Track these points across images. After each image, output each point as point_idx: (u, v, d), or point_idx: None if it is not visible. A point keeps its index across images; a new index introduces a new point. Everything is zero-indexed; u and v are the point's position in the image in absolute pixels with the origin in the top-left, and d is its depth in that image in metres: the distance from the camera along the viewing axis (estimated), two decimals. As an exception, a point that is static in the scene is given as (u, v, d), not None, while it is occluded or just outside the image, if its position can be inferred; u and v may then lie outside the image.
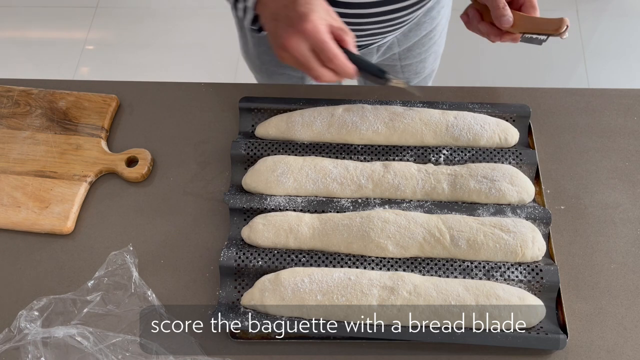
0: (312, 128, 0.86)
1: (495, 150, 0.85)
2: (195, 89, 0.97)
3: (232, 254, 0.77)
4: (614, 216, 0.82)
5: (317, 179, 0.82)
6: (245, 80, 0.99)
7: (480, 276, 0.75)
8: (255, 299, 0.74)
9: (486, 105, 0.89)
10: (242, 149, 0.86)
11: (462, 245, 0.76)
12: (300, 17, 0.69)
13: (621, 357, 0.72)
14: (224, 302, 0.75)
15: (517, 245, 0.76)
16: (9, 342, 0.72)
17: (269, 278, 0.75)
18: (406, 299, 0.72)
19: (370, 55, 1.07)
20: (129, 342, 0.72)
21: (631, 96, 0.94)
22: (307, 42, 0.70)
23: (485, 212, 0.80)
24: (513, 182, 0.81)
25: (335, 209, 0.80)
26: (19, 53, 2.32)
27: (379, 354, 0.73)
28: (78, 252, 0.82)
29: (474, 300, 0.71)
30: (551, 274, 0.75)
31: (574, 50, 2.19)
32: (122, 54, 2.29)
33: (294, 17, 0.69)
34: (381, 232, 0.76)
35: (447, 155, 0.85)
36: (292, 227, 0.78)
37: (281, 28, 0.70)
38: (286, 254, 0.78)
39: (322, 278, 0.73)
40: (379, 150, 0.86)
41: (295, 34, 0.69)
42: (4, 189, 0.86)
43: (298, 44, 0.69)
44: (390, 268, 0.76)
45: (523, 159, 0.84)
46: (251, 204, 0.81)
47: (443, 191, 0.81)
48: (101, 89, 0.96)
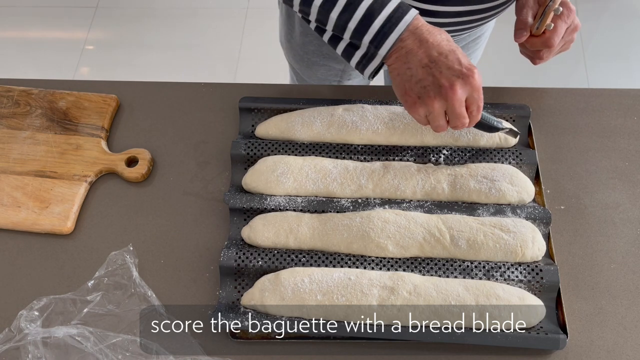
0: (312, 128, 0.86)
1: (495, 150, 0.85)
2: (195, 89, 0.97)
3: (232, 254, 0.77)
4: (614, 216, 0.82)
5: (317, 179, 0.82)
6: (246, 80, 0.99)
7: (480, 276, 0.75)
8: (255, 299, 0.74)
9: (486, 105, 0.89)
10: (242, 149, 0.86)
11: (462, 245, 0.76)
12: (469, 69, 0.69)
13: (621, 357, 0.72)
14: (224, 302, 0.75)
15: (517, 245, 0.76)
16: (9, 342, 0.72)
17: (269, 278, 0.75)
18: (406, 299, 0.72)
19: None
20: (129, 342, 0.72)
21: (631, 96, 0.94)
22: (467, 93, 0.70)
23: (485, 212, 0.80)
24: (513, 182, 0.81)
25: (335, 209, 0.80)
26: (19, 53, 2.32)
27: (379, 354, 0.73)
28: (78, 252, 0.82)
29: (474, 300, 0.71)
30: (551, 274, 0.75)
31: (574, 50, 2.18)
32: (122, 54, 2.29)
33: (460, 69, 0.69)
34: (381, 232, 0.76)
35: (447, 155, 0.85)
36: (292, 227, 0.78)
37: (443, 77, 0.69)
38: (286, 254, 0.77)
39: (322, 278, 0.73)
40: (379, 150, 0.86)
41: (463, 85, 0.69)
42: (4, 189, 0.86)
43: (462, 94, 0.70)
44: (390, 268, 0.76)
45: (523, 159, 0.84)
46: (251, 203, 0.81)
47: (443, 191, 0.81)
48: (101, 89, 0.96)
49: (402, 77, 0.72)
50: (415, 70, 0.71)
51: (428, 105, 0.71)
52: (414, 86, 0.71)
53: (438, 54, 0.70)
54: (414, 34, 0.71)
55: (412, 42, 0.71)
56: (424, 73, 0.70)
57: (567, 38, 0.84)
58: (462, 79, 0.69)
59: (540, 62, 0.86)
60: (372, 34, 0.72)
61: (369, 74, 0.77)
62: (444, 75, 0.69)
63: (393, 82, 0.74)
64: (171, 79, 1.07)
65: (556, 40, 0.81)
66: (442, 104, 0.71)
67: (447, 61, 0.69)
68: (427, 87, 0.70)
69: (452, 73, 0.69)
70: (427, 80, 0.70)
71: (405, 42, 0.71)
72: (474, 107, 0.72)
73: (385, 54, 0.73)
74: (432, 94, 0.70)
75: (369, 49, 0.74)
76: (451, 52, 0.70)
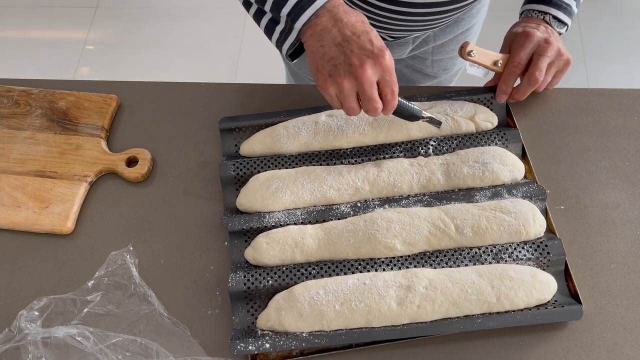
0: (299, 139, 0.86)
1: (480, 134, 0.86)
2: (195, 89, 0.97)
3: (240, 277, 0.75)
4: (614, 216, 0.82)
5: (314, 189, 0.81)
6: (245, 80, 0.99)
7: (489, 260, 0.76)
8: (272, 319, 0.72)
9: (462, 92, 0.90)
10: (231, 170, 0.85)
11: (467, 232, 0.77)
12: (380, 50, 0.70)
13: (621, 357, 0.72)
14: (239, 328, 0.73)
15: (520, 225, 0.77)
16: (9, 342, 0.72)
17: (283, 296, 0.73)
18: (423, 294, 0.72)
19: (405, 46, 1.07)
20: (129, 342, 0.72)
21: (631, 96, 0.94)
22: (378, 74, 0.71)
23: (482, 197, 0.80)
24: (503, 162, 0.83)
25: (335, 216, 0.80)
26: (19, 53, 2.32)
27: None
28: (78, 252, 0.82)
29: (489, 284, 0.72)
30: (556, 248, 0.76)
31: (574, 50, 2.19)
32: (122, 54, 2.29)
33: (371, 49, 0.70)
34: (387, 232, 0.76)
35: (435, 145, 0.86)
36: (297, 241, 0.77)
37: (354, 56, 0.70)
38: (295, 269, 0.76)
39: (336, 287, 0.72)
40: (368, 150, 0.86)
41: (373, 65, 0.70)
42: (4, 189, 0.86)
43: (372, 74, 0.70)
44: (401, 267, 0.76)
45: (508, 138, 0.86)
46: (250, 223, 0.80)
47: (438, 181, 0.82)
48: (101, 89, 0.96)
49: (315, 54, 0.73)
50: (328, 48, 0.71)
51: (338, 84, 0.71)
52: (326, 64, 0.71)
53: (351, 34, 0.71)
54: (330, 12, 0.72)
55: (327, 20, 0.72)
56: (336, 51, 0.71)
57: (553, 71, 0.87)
58: (372, 59, 0.70)
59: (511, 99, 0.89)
60: (290, 6, 0.73)
61: (286, 51, 0.77)
62: (355, 54, 0.70)
63: (307, 60, 0.75)
64: (171, 79, 1.07)
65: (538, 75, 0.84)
66: (352, 84, 0.71)
67: (359, 41, 0.70)
68: (338, 65, 0.71)
69: (363, 52, 0.70)
70: (339, 58, 0.70)
71: (321, 18, 0.72)
72: (388, 90, 0.72)
73: (300, 28, 0.73)
74: (342, 73, 0.70)
75: (286, 22, 0.75)
76: (364, 32, 0.71)
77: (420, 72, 1.18)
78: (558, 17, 0.88)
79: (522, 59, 0.85)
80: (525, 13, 0.92)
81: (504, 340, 0.73)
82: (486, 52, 0.87)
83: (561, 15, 0.88)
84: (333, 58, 0.71)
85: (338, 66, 0.71)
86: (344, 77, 0.70)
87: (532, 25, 0.87)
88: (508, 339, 0.73)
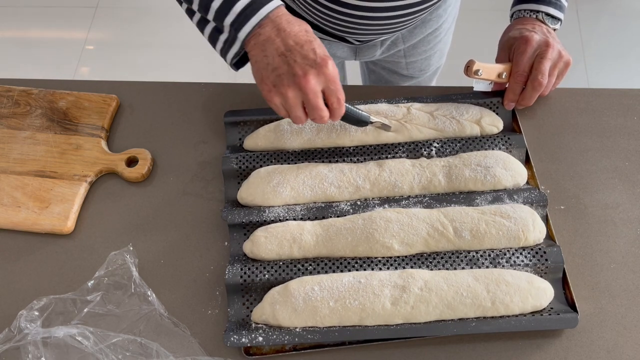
0: (302, 135, 0.86)
1: (484, 137, 0.86)
2: (195, 89, 0.97)
3: (237, 270, 0.76)
4: (614, 216, 0.82)
5: (314, 185, 0.82)
6: (245, 80, 0.99)
7: (486, 264, 0.76)
8: (266, 313, 0.73)
9: (468, 95, 0.90)
10: (233, 163, 0.85)
11: (465, 236, 0.76)
12: (323, 59, 0.70)
13: (621, 357, 0.72)
14: (234, 320, 0.74)
15: (519, 230, 0.77)
16: (9, 342, 0.72)
17: (278, 290, 0.74)
18: (418, 295, 0.72)
19: (373, 49, 1.07)
20: (129, 342, 0.72)
21: (631, 96, 0.94)
22: (322, 84, 0.71)
23: (483, 200, 0.80)
24: (506, 166, 0.82)
25: (335, 214, 0.80)
26: (19, 53, 2.32)
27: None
28: (78, 252, 0.82)
29: (485, 288, 0.72)
30: (555, 255, 0.76)
31: (574, 50, 2.19)
32: (122, 54, 2.29)
33: (314, 59, 0.70)
34: (385, 231, 0.76)
35: (438, 147, 0.85)
36: (295, 237, 0.77)
37: (297, 66, 0.70)
38: (292, 264, 0.76)
39: (332, 284, 0.73)
40: (371, 149, 0.86)
41: (316, 75, 0.70)
42: (4, 189, 0.86)
43: (315, 84, 0.70)
44: (397, 267, 0.76)
45: (512, 143, 0.86)
46: (250, 217, 0.80)
47: (440, 183, 0.82)
48: (101, 89, 0.96)
49: (259, 64, 0.73)
50: (271, 59, 0.71)
51: (283, 94, 0.71)
52: (270, 74, 0.72)
53: (294, 43, 0.71)
54: (273, 22, 0.72)
55: (271, 30, 0.72)
56: (280, 61, 0.71)
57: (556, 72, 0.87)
58: (315, 69, 0.70)
59: (518, 105, 0.89)
60: (234, 16, 0.73)
61: (231, 60, 0.77)
62: (298, 64, 0.70)
63: (252, 69, 0.75)
64: (171, 79, 1.07)
65: (541, 79, 0.84)
66: (296, 94, 0.71)
67: (302, 50, 0.70)
68: (281, 75, 0.71)
69: (306, 62, 0.70)
70: (282, 68, 0.71)
71: (264, 28, 0.72)
72: (334, 98, 0.72)
73: (244, 38, 0.73)
74: (286, 83, 0.70)
75: (230, 32, 0.74)
76: (307, 42, 0.71)
77: (397, 74, 1.19)
78: (550, 14, 0.88)
79: (526, 66, 0.85)
80: (517, 14, 0.91)
81: (502, 342, 0.73)
82: (490, 67, 0.87)
83: (553, 11, 0.88)
84: (277, 68, 0.71)
85: (282, 76, 0.71)
86: (288, 87, 0.70)
87: (529, 28, 0.87)
88: (506, 341, 0.73)
